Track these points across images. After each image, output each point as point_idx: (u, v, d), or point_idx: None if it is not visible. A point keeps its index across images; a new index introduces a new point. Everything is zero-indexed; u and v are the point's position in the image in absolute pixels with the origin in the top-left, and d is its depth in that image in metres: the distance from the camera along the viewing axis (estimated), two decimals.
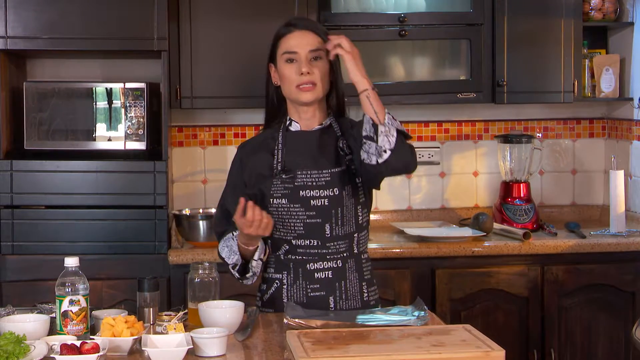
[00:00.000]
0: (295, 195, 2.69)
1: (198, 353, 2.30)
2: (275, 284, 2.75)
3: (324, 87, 2.73)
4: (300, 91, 2.71)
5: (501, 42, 4.18)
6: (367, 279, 2.79)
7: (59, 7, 3.78)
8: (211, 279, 2.69)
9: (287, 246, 2.73)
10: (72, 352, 2.18)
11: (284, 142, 2.76)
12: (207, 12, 4.00)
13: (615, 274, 3.97)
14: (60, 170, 3.80)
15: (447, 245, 3.90)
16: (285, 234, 2.72)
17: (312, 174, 2.70)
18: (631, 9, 4.35)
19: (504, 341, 2.65)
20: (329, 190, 2.69)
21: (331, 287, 2.71)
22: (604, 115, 4.62)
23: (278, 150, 2.75)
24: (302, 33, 2.72)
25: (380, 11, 4.14)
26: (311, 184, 2.69)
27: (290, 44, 2.72)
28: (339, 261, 2.72)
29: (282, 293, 2.73)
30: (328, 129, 2.78)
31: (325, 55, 2.70)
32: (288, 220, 2.70)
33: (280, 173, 2.71)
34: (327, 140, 2.76)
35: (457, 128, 4.54)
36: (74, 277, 2.42)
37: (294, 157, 2.73)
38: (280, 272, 2.75)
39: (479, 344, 2.26)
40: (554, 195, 4.61)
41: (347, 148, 2.74)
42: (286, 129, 2.78)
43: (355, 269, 2.75)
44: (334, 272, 2.72)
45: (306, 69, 2.68)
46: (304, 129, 2.78)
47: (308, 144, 2.75)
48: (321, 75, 2.71)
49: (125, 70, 4.23)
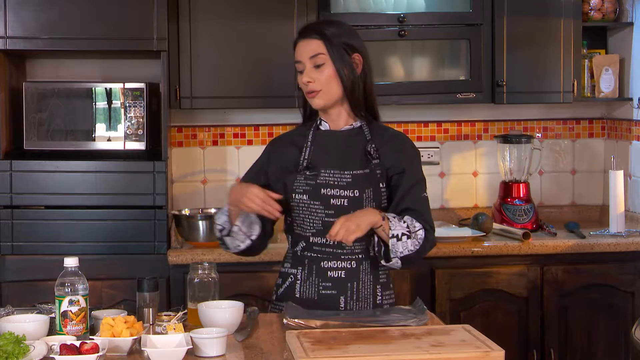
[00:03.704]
0: (317, 192, 2.71)
1: (197, 353, 2.30)
2: (290, 278, 2.78)
3: (333, 90, 2.74)
4: (309, 98, 2.76)
5: (501, 42, 4.18)
6: (383, 282, 2.79)
7: (59, 7, 3.78)
8: (211, 279, 2.69)
9: (304, 242, 2.75)
10: (71, 353, 2.18)
11: (313, 139, 2.79)
12: (207, 12, 4.00)
13: (615, 274, 3.97)
14: (59, 170, 3.80)
15: (447, 245, 3.90)
16: (304, 230, 2.74)
17: (334, 173, 2.73)
18: (630, 9, 4.35)
19: (504, 341, 2.65)
20: (350, 191, 2.71)
21: (343, 286, 2.72)
22: (603, 116, 4.62)
23: (306, 147, 2.79)
24: (305, 42, 2.75)
25: (380, 11, 4.14)
26: (333, 183, 2.71)
27: (296, 54, 2.77)
28: (353, 262, 2.73)
29: (295, 288, 2.75)
30: (358, 131, 2.80)
31: (330, 59, 2.71)
32: (308, 216, 2.73)
33: (304, 169, 2.75)
34: (356, 142, 2.78)
35: (457, 128, 4.54)
36: (73, 277, 2.42)
37: (320, 156, 2.77)
38: (295, 267, 2.77)
39: (478, 344, 2.26)
40: (554, 196, 4.61)
41: (375, 152, 2.76)
42: (317, 128, 2.82)
43: (370, 272, 2.76)
44: (347, 273, 2.73)
45: (306, 78, 2.73)
46: (333, 129, 2.81)
47: (336, 144, 2.78)
48: (325, 81, 2.72)
49: (124, 70, 4.23)
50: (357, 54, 2.75)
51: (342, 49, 2.72)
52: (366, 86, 2.78)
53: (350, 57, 2.73)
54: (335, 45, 2.71)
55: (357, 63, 2.75)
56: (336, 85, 2.74)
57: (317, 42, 2.72)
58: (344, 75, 2.72)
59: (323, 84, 2.72)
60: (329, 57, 2.71)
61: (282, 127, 4.36)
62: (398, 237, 2.64)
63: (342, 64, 2.72)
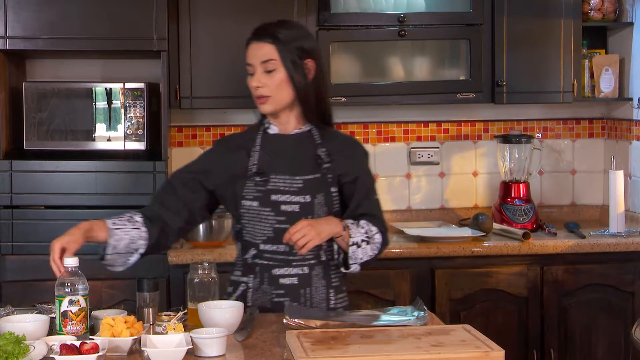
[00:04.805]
0: (267, 198, 2.68)
1: (197, 353, 2.30)
2: (241, 286, 2.75)
3: (283, 96, 2.70)
4: (258, 103, 2.72)
5: (501, 42, 4.18)
6: (335, 286, 2.79)
7: (59, 7, 3.78)
8: (211, 279, 2.69)
9: (254, 250, 2.72)
10: (71, 353, 2.18)
11: (261, 144, 2.75)
12: (206, 12, 4.00)
13: (615, 274, 3.98)
14: (59, 170, 3.80)
15: (447, 245, 3.90)
16: (254, 237, 2.71)
17: (285, 179, 2.69)
18: (630, 9, 4.35)
19: (504, 341, 2.65)
20: (301, 196, 2.68)
21: (296, 293, 2.70)
22: (603, 116, 4.62)
23: (255, 152, 2.74)
24: (257, 45, 2.70)
25: (380, 11, 4.14)
26: (284, 189, 2.68)
27: (248, 56, 2.72)
28: (305, 268, 2.72)
29: (247, 297, 2.73)
30: (308, 135, 2.77)
31: (282, 64, 2.67)
32: (258, 223, 2.69)
33: (253, 175, 2.71)
34: (306, 146, 2.75)
35: (457, 128, 4.54)
36: (73, 277, 2.43)
37: (269, 161, 2.72)
38: (246, 275, 2.75)
39: (478, 344, 2.26)
40: (554, 196, 4.61)
41: (325, 156, 2.73)
42: (265, 131, 2.78)
43: (323, 276, 2.75)
44: (300, 279, 2.72)
45: (256, 83, 2.69)
46: (282, 133, 2.77)
47: (285, 148, 2.75)
48: (275, 87, 2.68)
49: (124, 70, 4.23)
50: (310, 60, 2.71)
51: (295, 54, 2.68)
52: (319, 91, 2.74)
53: (302, 63, 2.69)
54: (288, 50, 2.67)
55: (310, 69, 2.71)
56: (287, 91, 2.70)
57: (270, 46, 2.68)
58: (295, 82, 2.68)
59: (273, 89, 2.68)
60: (281, 62, 2.67)
61: None
62: (358, 244, 2.65)
63: (294, 70, 2.68)
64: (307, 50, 2.71)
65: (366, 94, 4.14)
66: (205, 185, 2.75)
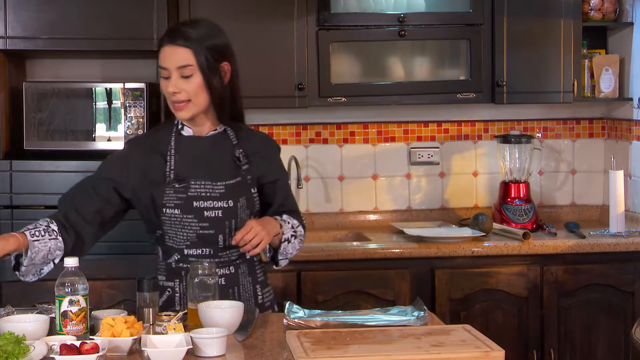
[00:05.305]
0: (189, 205, 2.66)
1: (197, 353, 2.30)
2: (167, 291, 2.75)
3: (200, 101, 2.66)
4: (175, 109, 2.68)
5: (501, 42, 4.18)
6: (261, 280, 2.81)
7: (59, 7, 3.78)
8: (211, 279, 2.68)
9: (178, 255, 2.72)
10: (71, 353, 2.18)
11: (176, 147, 2.72)
12: (207, 12, 3.99)
13: (615, 274, 3.97)
14: (59, 170, 3.80)
15: (447, 245, 3.90)
16: (177, 242, 2.70)
17: (206, 184, 2.68)
18: (630, 9, 4.35)
19: (504, 341, 2.66)
20: (224, 202, 2.68)
21: (224, 294, 2.70)
22: (603, 116, 4.62)
23: (170, 156, 2.71)
24: (172, 49, 2.64)
25: (380, 11, 4.14)
26: (205, 195, 2.67)
27: (162, 60, 2.66)
28: (231, 267, 2.74)
29: (174, 301, 2.74)
30: (223, 136, 2.75)
31: (199, 70, 2.63)
32: (181, 230, 2.68)
33: (173, 182, 2.68)
34: (222, 149, 2.73)
35: (457, 128, 4.54)
36: (73, 277, 2.42)
37: (187, 166, 2.70)
38: (172, 280, 2.75)
39: (478, 344, 2.26)
40: (554, 196, 4.61)
41: (243, 157, 2.73)
42: (178, 133, 2.74)
43: (249, 273, 2.77)
44: (227, 279, 2.73)
45: (173, 88, 2.64)
46: (197, 135, 2.74)
47: (202, 151, 2.72)
48: (193, 92, 2.64)
49: (124, 70, 4.23)
50: (225, 62, 2.69)
51: (211, 56, 2.64)
52: (233, 93, 2.73)
53: (219, 67, 2.67)
54: (204, 55, 2.63)
55: (226, 72, 2.70)
56: (204, 96, 2.66)
57: (186, 51, 2.63)
58: (212, 86, 2.65)
59: (191, 94, 2.64)
60: (197, 68, 2.63)
61: (282, 127, 4.36)
62: (288, 239, 2.70)
63: (211, 75, 2.65)
64: (221, 51, 2.68)
65: (366, 94, 4.15)
66: (121, 193, 2.72)
